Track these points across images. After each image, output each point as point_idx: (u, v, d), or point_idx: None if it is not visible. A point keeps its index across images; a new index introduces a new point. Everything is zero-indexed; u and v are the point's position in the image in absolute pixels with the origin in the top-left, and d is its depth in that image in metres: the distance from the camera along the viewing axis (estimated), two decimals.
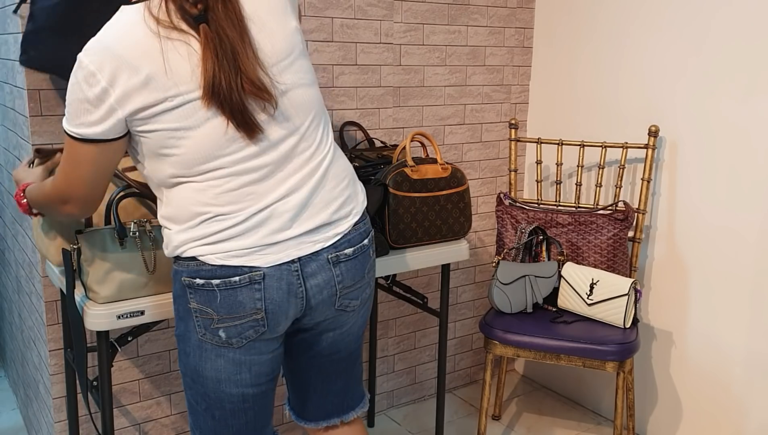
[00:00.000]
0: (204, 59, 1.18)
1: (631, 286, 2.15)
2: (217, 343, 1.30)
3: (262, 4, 1.27)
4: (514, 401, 2.78)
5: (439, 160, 1.98)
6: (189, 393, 1.39)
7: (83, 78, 1.18)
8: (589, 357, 2.09)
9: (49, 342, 1.93)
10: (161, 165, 1.25)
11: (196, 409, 1.39)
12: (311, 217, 1.30)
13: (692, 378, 2.34)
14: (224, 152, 1.23)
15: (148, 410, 2.11)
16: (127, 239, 1.51)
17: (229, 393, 1.34)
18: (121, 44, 1.17)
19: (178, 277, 1.31)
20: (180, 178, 1.26)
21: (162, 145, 1.23)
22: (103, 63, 1.17)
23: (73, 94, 1.21)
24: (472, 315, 2.84)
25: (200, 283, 1.27)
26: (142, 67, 1.17)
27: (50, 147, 1.67)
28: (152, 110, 1.19)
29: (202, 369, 1.33)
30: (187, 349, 1.34)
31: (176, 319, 1.36)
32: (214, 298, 1.27)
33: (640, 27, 2.36)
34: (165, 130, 1.21)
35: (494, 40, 2.62)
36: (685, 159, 2.27)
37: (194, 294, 1.28)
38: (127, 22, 1.20)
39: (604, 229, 2.30)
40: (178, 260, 1.30)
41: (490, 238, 2.80)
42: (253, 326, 1.29)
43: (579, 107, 2.60)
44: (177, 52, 1.18)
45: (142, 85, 1.17)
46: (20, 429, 2.48)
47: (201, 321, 1.30)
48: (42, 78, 1.78)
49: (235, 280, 1.26)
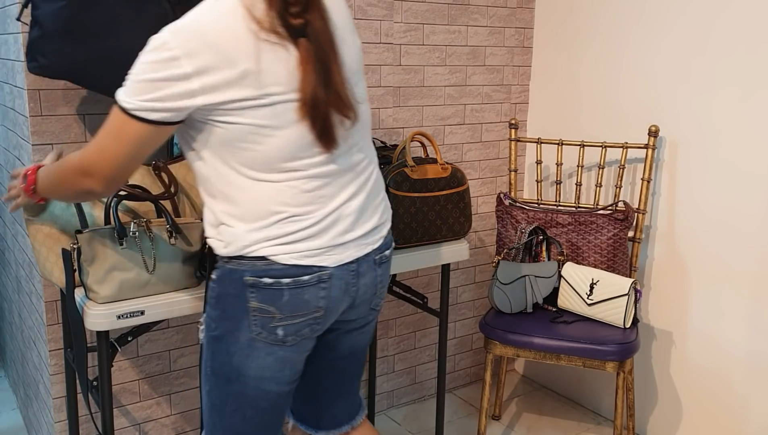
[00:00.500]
0: (304, 72, 1.23)
1: (631, 286, 2.15)
2: (271, 341, 1.32)
3: (343, 18, 1.33)
4: (514, 401, 2.78)
5: (439, 160, 1.98)
6: (216, 393, 1.38)
7: (166, 59, 1.17)
8: (589, 357, 2.09)
9: (49, 342, 1.93)
10: (232, 158, 1.26)
11: (221, 410, 1.39)
12: (367, 221, 1.38)
13: (692, 378, 2.34)
14: (303, 155, 1.27)
15: (148, 410, 2.11)
16: (127, 239, 1.51)
17: (268, 391, 1.36)
18: (220, 36, 1.18)
19: (236, 277, 1.29)
20: (254, 174, 1.26)
21: (241, 139, 1.24)
22: (195, 49, 1.17)
23: (147, 72, 1.19)
24: (472, 315, 2.84)
25: (268, 283, 1.29)
26: (240, 62, 1.19)
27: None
28: (241, 104, 1.21)
29: (245, 368, 1.34)
30: (231, 348, 1.33)
31: (215, 320, 1.34)
32: (280, 296, 1.29)
33: (640, 27, 2.36)
34: (250, 125, 1.22)
35: (494, 40, 2.62)
36: (685, 159, 2.27)
37: (257, 293, 1.29)
38: (227, 15, 1.20)
39: (604, 229, 2.30)
40: (240, 259, 1.29)
41: (490, 238, 2.80)
42: (310, 324, 1.34)
43: (579, 107, 2.60)
44: (274, 54, 1.21)
45: (236, 79, 1.19)
46: (20, 429, 2.48)
47: (258, 320, 1.31)
48: (42, 78, 1.78)
49: (304, 279, 1.30)
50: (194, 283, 1.62)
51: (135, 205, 1.61)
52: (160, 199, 1.61)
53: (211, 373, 1.37)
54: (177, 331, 2.10)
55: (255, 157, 1.25)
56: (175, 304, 1.56)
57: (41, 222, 1.58)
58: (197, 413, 2.19)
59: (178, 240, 1.57)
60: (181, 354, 2.13)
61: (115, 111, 1.22)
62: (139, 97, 1.19)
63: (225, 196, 1.28)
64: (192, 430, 2.20)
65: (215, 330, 1.34)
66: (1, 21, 1.97)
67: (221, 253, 1.31)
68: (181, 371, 2.14)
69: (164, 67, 1.17)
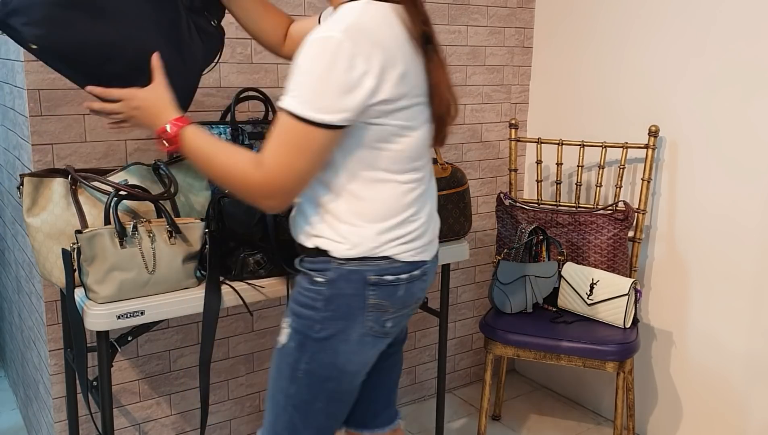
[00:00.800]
0: (438, 77, 1.32)
1: (631, 286, 2.15)
2: (380, 333, 1.37)
3: None
4: (514, 401, 2.78)
5: (440, 160, 1.98)
6: (305, 393, 1.37)
7: (343, 60, 1.17)
8: (589, 357, 2.09)
9: (49, 342, 1.93)
10: (368, 158, 1.28)
11: (306, 411, 1.38)
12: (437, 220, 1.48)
13: (692, 378, 2.34)
14: (423, 156, 1.36)
15: (148, 410, 2.11)
16: (127, 239, 1.51)
17: (357, 385, 1.41)
18: (387, 37, 1.23)
19: (356, 277, 1.31)
20: (383, 175, 1.30)
21: (382, 138, 1.27)
22: (369, 49, 1.19)
23: (327, 74, 1.17)
24: (472, 315, 2.84)
25: (389, 280, 1.33)
26: (400, 62, 1.24)
27: None
28: (396, 104, 1.25)
29: (349, 364, 1.36)
30: (340, 347, 1.34)
31: (321, 321, 1.33)
32: (396, 292, 1.35)
33: (640, 27, 2.36)
34: (395, 125, 1.27)
35: (494, 40, 2.62)
36: (686, 159, 2.27)
37: (377, 290, 1.32)
38: (385, 18, 1.24)
39: (604, 229, 2.30)
40: (363, 260, 1.31)
41: (490, 238, 2.80)
42: (408, 315, 1.43)
43: (579, 107, 2.60)
44: (414, 58, 1.28)
45: (398, 79, 1.23)
46: (20, 429, 2.48)
47: (373, 315, 1.34)
48: (42, 78, 1.78)
49: (416, 273, 1.37)
50: (194, 283, 1.62)
51: (135, 205, 1.61)
52: (160, 199, 1.61)
53: (303, 375, 1.35)
54: (177, 331, 2.10)
55: (390, 157, 1.29)
56: (175, 304, 1.56)
57: (41, 222, 1.58)
58: (197, 413, 2.19)
59: (178, 240, 1.57)
60: (181, 354, 2.13)
61: (292, 124, 1.19)
62: (317, 103, 1.18)
63: (354, 197, 1.29)
64: (192, 430, 2.20)
65: (320, 332, 1.33)
66: None
67: (342, 254, 1.31)
68: (181, 371, 2.14)
69: (346, 69, 1.17)
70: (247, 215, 1.62)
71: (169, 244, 1.55)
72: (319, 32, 1.19)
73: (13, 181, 2.13)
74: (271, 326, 2.28)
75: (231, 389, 2.25)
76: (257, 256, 1.66)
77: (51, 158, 1.83)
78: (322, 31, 1.19)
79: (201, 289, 1.60)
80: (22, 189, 1.58)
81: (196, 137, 1.31)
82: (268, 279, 1.68)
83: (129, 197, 1.57)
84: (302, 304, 1.35)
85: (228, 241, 1.65)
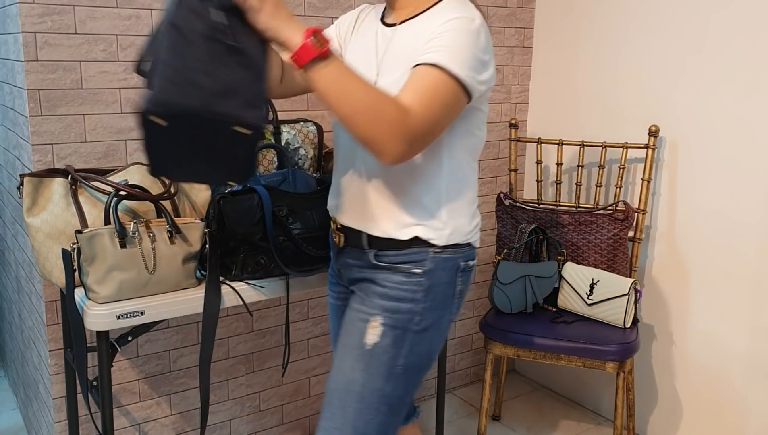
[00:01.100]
0: None
1: (631, 286, 2.15)
2: (453, 317, 1.42)
3: None
4: (514, 401, 2.78)
5: None
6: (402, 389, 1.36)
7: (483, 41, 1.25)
8: (589, 357, 2.09)
9: (49, 342, 1.93)
10: (466, 144, 1.34)
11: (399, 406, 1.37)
12: None
13: (692, 378, 2.34)
14: None
15: (148, 410, 2.11)
16: (127, 239, 1.51)
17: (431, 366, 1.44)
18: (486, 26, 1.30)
19: (450, 264, 1.35)
20: (472, 162, 1.38)
21: (478, 125, 1.35)
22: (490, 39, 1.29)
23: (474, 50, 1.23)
24: (472, 315, 2.84)
25: (471, 265, 1.41)
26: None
27: None
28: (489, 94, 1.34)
29: (436, 351, 1.41)
30: (434, 336, 1.36)
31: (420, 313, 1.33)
32: (470, 276, 1.43)
33: (639, 27, 2.36)
34: (485, 112, 1.36)
35: (494, 40, 2.62)
36: (686, 159, 2.27)
37: (463, 277, 1.39)
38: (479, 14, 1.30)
39: (604, 229, 2.30)
40: (455, 247, 1.35)
41: (490, 238, 2.80)
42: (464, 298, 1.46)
43: (579, 107, 2.60)
44: None
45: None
46: (20, 429, 2.48)
47: (458, 301, 1.41)
48: (42, 78, 1.78)
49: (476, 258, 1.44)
50: (194, 283, 1.62)
51: (135, 205, 1.61)
52: (160, 199, 1.61)
53: (402, 370, 1.34)
54: (177, 331, 2.10)
55: (475, 145, 1.36)
56: (175, 304, 1.56)
57: (41, 222, 1.58)
58: (197, 413, 2.19)
59: (178, 240, 1.57)
60: (181, 354, 2.13)
61: (445, 81, 1.19)
62: (468, 69, 1.21)
63: (455, 180, 1.34)
64: (192, 430, 2.20)
65: (420, 323, 1.34)
66: (1, 21, 1.96)
67: (442, 242, 1.33)
68: (181, 371, 2.14)
69: (483, 49, 1.24)
70: (247, 215, 1.62)
71: (169, 244, 1.55)
72: (460, 12, 1.23)
73: (13, 181, 2.13)
74: (271, 326, 2.28)
75: (231, 389, 2.25)
76: (257, 256, 1.66)
77: (51, 158, 1.83)
78: (460, 11, 1.23)
79: (201, 289, 1.60)
80: (22, 189, 1.58)
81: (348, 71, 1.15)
82: (268, 279, 1.68)
83: (129, 197, 1.57)
84: (399, 298, 1.33)
85: (228, 241, 1.65)
